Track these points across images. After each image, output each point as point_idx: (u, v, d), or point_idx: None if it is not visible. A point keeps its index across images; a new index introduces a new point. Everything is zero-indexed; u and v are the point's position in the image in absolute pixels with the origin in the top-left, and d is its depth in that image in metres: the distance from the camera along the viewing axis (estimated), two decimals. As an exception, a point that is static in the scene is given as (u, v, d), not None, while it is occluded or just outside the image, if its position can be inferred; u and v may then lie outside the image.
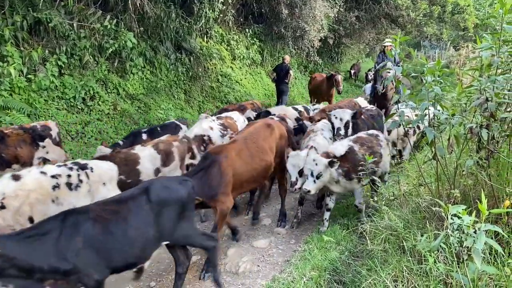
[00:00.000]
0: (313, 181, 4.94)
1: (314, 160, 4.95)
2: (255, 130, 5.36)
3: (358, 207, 5.50)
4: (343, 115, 6.18)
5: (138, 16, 10.10)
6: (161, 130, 7.00)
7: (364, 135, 5.71)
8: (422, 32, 21.46)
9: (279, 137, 5.60)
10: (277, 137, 5.54)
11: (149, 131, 7.01)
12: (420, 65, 3.55)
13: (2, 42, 7.57)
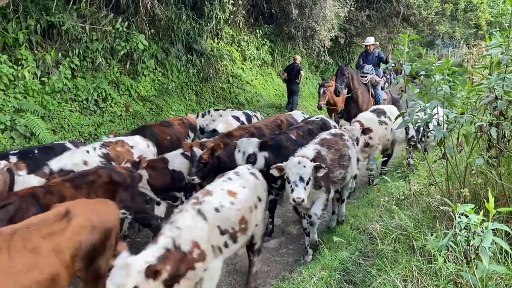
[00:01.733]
0: (304, 187, 4.26)
1: (300, 162, 4.33)
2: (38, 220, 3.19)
3: (311, 218, 4.73)
4: (247, 147, 5.18)
5: (149, 18, 10.20)
6: (39, 153, 5.30)
7: (328, 136, 5.20)
8: (434, 31, 21.23)
9: (85, 231, 3.31)
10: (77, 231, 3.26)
11: (21, 154, 5.22)
12: (429, 64, 3.53)
13: (16, 46, 7.71)
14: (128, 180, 4.59)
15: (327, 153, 4.88)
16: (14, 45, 7.71)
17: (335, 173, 4.91)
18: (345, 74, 9.28)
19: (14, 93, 7.42)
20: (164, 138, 6.83)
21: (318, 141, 5.06)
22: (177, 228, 3.19)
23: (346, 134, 5.49)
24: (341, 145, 5.15)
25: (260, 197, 4.24)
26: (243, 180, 4.14)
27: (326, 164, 4.60)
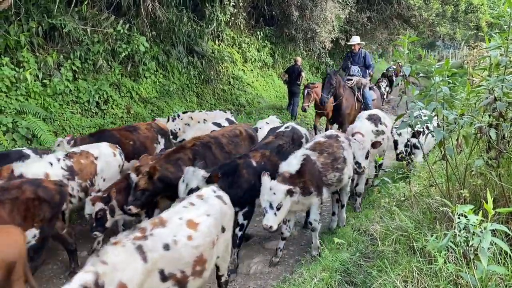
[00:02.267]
0: (274, 214, 4.23)
1: (271, 188, 4.23)
2: None
3: (311, 225, 4.94)
4: (191, 179, 4.40)
5: (150, 21, 10.23)
6: None
7: (322, 140, 5.19)
8: (435, 32, 21.24)
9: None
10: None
11: None
12: (429, 66, 3.55)
13: (18, 48, 7.74)
14: (56, 197, 4.18)
15: (317, 158, 4.83)
16: (16, 47, 7.74)
17: (328, 176, 4.90)
18: (332, 83, 8.97)
19: (16, 95, 7.45)
20: (125, 143, 6.37)
21: (310, 145, 5.05)
22: (103, 263, 2.61)
23: (342, 136, 5.45)
24: (335, 147, 5.11)
25: (225, 227, 3.68)
26: (207, 205, 3.52)
27: (315, 170, 4.71)
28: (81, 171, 5.13)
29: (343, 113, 9.48)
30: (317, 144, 5.05)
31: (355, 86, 9.69)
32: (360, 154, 5.63)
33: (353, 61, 10.11)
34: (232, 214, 3.91)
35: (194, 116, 8.54)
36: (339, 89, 9.16)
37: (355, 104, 9.57)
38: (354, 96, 9.62)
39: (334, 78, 8.95)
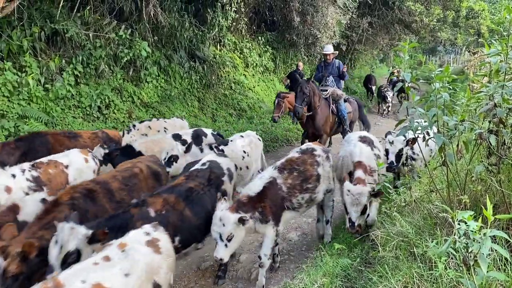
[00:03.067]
0: (225, 245, 3.94)
1: (221, 219, 3.92)
2: None
3: (261, 259, 4.46)
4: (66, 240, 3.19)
5: (152, 26, 10.28)
6: None
7: (296, 156, 4.87)
8: (436, 38, 21.29)
9: None
10: None
11: None
12: (429, 71, 3.56)
13: (20, 53, 7.79)
14: None
15: (285, 180, 4.51)
16: (19, 52, 7.79)
17: (294, 200, 4.56)
18: (305, 92, 8.12)
19: (18, 99, 7.49)
20: (59, 150, 5.60)
21: (279, 164, 4.69)
22: None
23: (319, 149, 5.07)
24: (308, 164, 4.78)
25: (160, 282, 2.93)
26: (128, 261, 2.72)
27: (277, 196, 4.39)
28: (49, 182, 4.68)
29: (317, 124, 8.68)
30: (288, 162, 4.71)
31: (330, 98, 8.96)
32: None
33: (326, 71, 9.49)
34: (172, 261, 3.23)
35: (153, 125, 7.85)
36: (313, 98, 8.39)
37: (330, 116, 8.85)
38: (329, 108, 8.85)
39: (307, 86, 8.18)
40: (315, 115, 8.51)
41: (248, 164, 6.46)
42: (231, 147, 6.29)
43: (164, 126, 7.93)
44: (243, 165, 6.34)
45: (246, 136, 6.69)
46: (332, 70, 9.41)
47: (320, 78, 9.57)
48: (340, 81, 9.50)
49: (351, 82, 21.10)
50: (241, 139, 6.53)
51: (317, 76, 9.62)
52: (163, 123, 8.03)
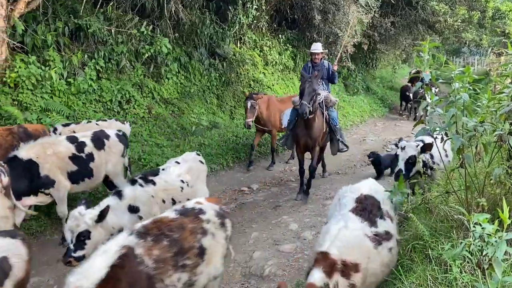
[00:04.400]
0: None
1: None
2: None
3: None
4: None
5: (173, 23, 10.37)
6: None
7: (170, 216, 3.40)
8: (460, 38, 20.86)
9: None
10: None
11: None
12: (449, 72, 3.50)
13: (45, 47, 7.96)
14: None
15: (149, 250, 2.96)
16: (43, 46, 7.96)
17: (167, 281, 3.01)
18: (315, 89, 7.00)
19: (41, 92, 7.66)
20: None
21: (140, 227, 3.16)
22: None
23: (210, 211, 3.59)
24: (188, 230, 3.30)
25: None
26: None
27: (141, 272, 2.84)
28: None
29: (314, 133, 7.39)
30: (156, 225, 3.21)
31: (323, 103, 7.68)
32: None
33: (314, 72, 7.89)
34: None
35: (80, 129, 6.60)
36: (315, 103, 7.19)
37: (324, 125, 7.63)
38: (323, 115, 7.64)
39: (316, 82, 7.13)
40: (312, 121, 7.27)
41: (190, 198, 4.67)
42: (164, 178, 4.80)
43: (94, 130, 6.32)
44: (184, 198, 4.68)
45: (184, 161, 5.24)
46: (321, 72, 8.01)
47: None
48: (329, 84, 8.42)
49: (372, 82, 20.87)
50: (177, 167, 5.08)
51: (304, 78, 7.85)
52: (94, 126, 6.81)
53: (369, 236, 3.24)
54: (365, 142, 12.92)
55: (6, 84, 7.30)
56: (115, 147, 6.06)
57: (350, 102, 16.83)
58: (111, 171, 6.04)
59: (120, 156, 6.16)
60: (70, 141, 5.64)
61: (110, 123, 7.21)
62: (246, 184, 8.74)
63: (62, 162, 5.45)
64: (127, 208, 4.22)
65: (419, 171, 4.92)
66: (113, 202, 4.15)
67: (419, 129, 3.84)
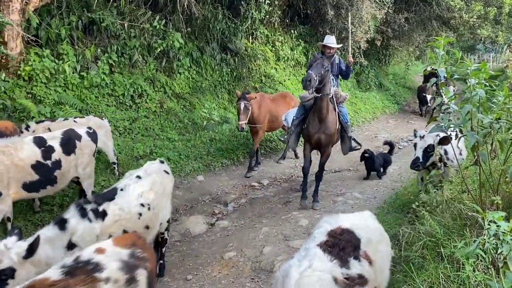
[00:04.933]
0: None
1: None
2: None
3: None
4: None
5: (186, 17, 10.37)
6: None
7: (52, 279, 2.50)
8: (475, 35, 20.53)
9: None
10: None
11: None
12: (465, 68, 3.44)
13: (58, 41, 8.03)
14: None
15: None
16: (57, 40, 8.02)
17: None
18: (324, 65, 6.32)
19: (54, 86, 7.72)
20: None
21: None
22: None
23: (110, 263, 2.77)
24: None
25: None
26: None
27: None
28: None
29: (329, 130, 6.78)
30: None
31: (333, 99, 7.05)
32: None
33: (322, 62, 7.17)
34: None
35: (55, 127, 6.10)
36: (327, 84, 6.54)
37: (336, 121, 6.99)
38: (335, 111, 7.03)
39: (327, 61, 6.46)
40: (326, 115, 6.66)
41: (150, 223, 4.19)
42: (120, 204, 3.94)
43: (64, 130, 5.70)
44: (140, 227, 4.04)
45: (146, 175, 4.40)
46: (332, 67, 7.26)
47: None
48: (338, 79, 7.65)
49: (384, 79, 20.67)
50: (138, 183, 4.22)
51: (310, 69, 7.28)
52: (72, 123, 6.30)
53: (339, 280, 2.53)
54: (377, 139, 12.81)
55: (20, 77, 7.38)
56: (87, 147, 5.45)
57: (362, 99, 16.70)
58: (81, 174, 5.46)
59: (91, 157, 5.59)
60: (36, 145, 4.90)
61: (88, 119, 6.68)
62: (257, 179, 8.73)
63: (21, 173, 4.69)
64: (67, 243, 3.45)
65: (435, 163, 5.03)
66: (52, 233, 3.40)
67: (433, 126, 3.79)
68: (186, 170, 8.30)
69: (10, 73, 7.27)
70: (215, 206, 7.41)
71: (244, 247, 5.38)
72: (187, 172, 8.28)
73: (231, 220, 6.76)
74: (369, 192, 7.62)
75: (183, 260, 5.42)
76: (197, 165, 8.56)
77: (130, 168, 7.69)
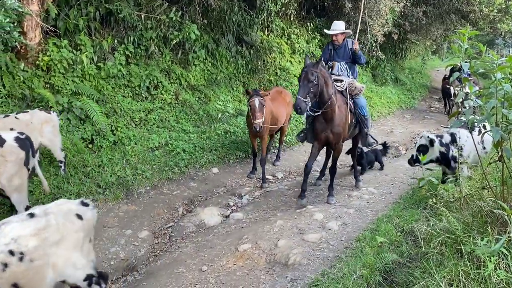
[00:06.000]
0: None
1: None
2: None
3: None
4: None
5: (202, 9, 10.33)
6: None
7: None
8: (495, 29, 20.13)
9: None
10: None
11: None
12: (490, 62, 3.36)
13: (76, 32, 8.07)
14: None
15: None
16: (74, 31, 8.07)
17: None
18: (311, 80, 5.85)
19: (72, 76, 7.78)
20: None
21: None
22: None
23: None
24: None
25: None
26: None
27: None
28: None
29: (336, 128, 6.47)
30: None
31: (346, 92, 6.81)
32: None
33: (336, 55, 7.12)
34: None
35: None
36: (326, 89, 6.17)
37: (349, 116, 6.71)
38: (347, 105, 6.71)
39: (314, 71, 5.93)
40: (332, 113, 6.36)
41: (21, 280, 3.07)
42: None
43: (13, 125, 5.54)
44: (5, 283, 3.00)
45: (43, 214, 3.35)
46: (344, 54, 7.07)
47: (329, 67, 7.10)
48: (355, 68, 7.25)
49: (400, 73, 20.43)
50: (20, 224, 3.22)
51: (325, 59, 7.19)
52: (14, 120, 5.74)
53: None
54: (393, 133, 12.69)
55: (39, 67, 7.45)
56: (12, 155, 4.65)
57: (378, 93, 16.53)
58: (5, 186, 4.65)
59: (22, 166, 4.75)
60: None
61: (33, 114, 6.03)
62: (271, 172, 8.72)
63: None
64: None
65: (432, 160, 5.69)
66: None
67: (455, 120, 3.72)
68: (201, 162, 8.32)
69: (29, 63, 7.35)
70: (230, 198, 7.43)
71: (258, 240, 5.38)
72: (202, 164, 8.30)
73: (246, 213, 6.77)
74: (385, 187, 7.55)
75: (198, 251, 5.44)
76: (211, 157, 8.57)
77: (146, 159, 7.76)
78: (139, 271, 5.39)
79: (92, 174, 6.93)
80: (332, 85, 6.41)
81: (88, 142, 7.60)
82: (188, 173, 8.04)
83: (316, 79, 5.92)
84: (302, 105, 5.77)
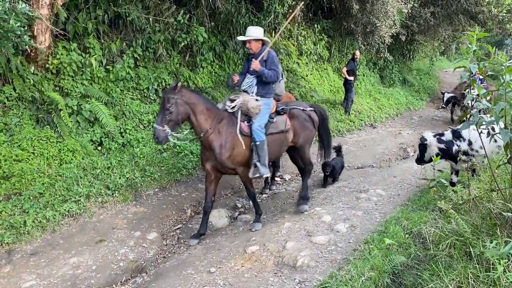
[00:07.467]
0: None
1: None
2: None
3: None
4: None
5: (209, 11, 10.38)
6: None
7: None
8: (504, 30, 19.97)
9: None
10: None
11: None
12: (499, 64, 3.35)
13: (85, 35, 8.15)
14: None
15: None
16: (83, 34, 8.14)
17: None
18: (167, 107, 5.34)
19: (81, 79, 7.85)
20: None
21: None
22: None
23: None
24: None
25: None
26: None
27: None
28: None
29: (219, 157, 5.74)
30: None
31: (238, 112, 5.90)
32: None
33: (248, 68, 6.03)
34: None
35: None
36: (193, 115, 5.61)
37: (240, 141, 5.81)
38: (236, 128, 5.81)
39: (172, 96, 5.37)
40: (209, 141, 5.69)
41: None
42: None
43: None
44: None
45: None
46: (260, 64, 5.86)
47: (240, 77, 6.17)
48: (269, 84, 6.09)
49: (408, 74, 20.35)
50: None
51: (241, 74, 6.26)
52: None
53: None
54: (401, 135, 12.64)
55: (48, 71, 7.52)
56: None
57: (386, 94, 16.49)
58: None
59: None
60: None
61: None
62: (279, 174, 8.72)
63: None
64: None
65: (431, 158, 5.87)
66: None
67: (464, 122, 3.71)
68: (209, 164, 8.33)
69: (39, 66, 7.43)
70: (237, 200, 7.45)
71: (266, 242, 5.39)
72: (209, 166, 8.32)
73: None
74: (393, 189, 7.52)
75: (206, 253, 5.47)
76: (219, 159, 8.59)
77: (154, 161, 7.80)
78: (148, 272, 5.43)
79: (101, 176, 6.99)
80: (208, 109, 5.72)
81: (97, 144, 7.66)
82: (196, 175, 8.07)
83: (173, 106, 5.35)
84: (161, 134, 5.32)
